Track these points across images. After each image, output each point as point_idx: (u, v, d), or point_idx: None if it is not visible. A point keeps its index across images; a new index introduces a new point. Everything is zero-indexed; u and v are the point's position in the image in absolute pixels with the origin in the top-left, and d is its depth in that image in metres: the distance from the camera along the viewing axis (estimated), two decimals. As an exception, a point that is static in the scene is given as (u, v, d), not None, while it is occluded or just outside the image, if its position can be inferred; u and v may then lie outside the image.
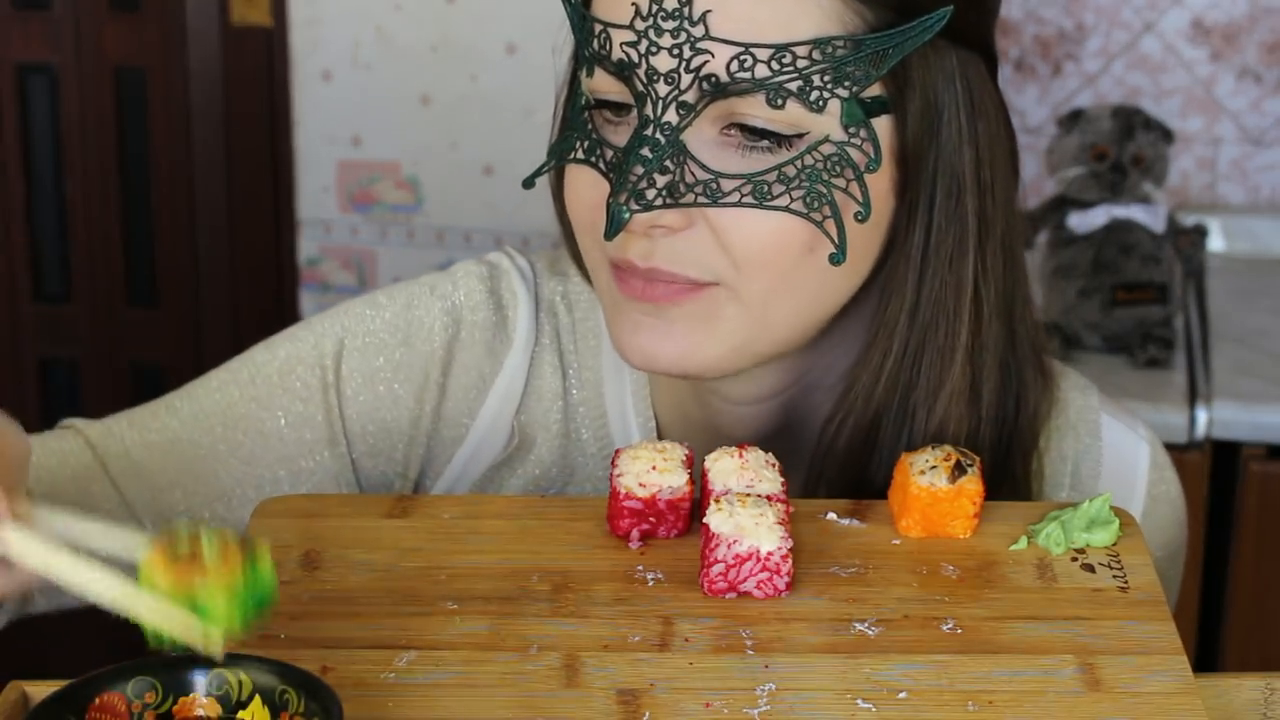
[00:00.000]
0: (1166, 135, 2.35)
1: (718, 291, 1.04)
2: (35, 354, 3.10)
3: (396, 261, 2.94)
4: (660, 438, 1.17)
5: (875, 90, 1.02)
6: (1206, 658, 2.27)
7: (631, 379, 1.17)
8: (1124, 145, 2.31)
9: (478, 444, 1.17)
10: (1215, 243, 2.61)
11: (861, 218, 1.02)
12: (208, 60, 2.96)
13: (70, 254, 3.07)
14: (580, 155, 1.05)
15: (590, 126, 1.05)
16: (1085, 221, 2.31)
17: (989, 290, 1.08)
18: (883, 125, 1.02)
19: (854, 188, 1.02)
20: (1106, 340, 2.30)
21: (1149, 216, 2.31)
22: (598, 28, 1.03)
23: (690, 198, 1.01)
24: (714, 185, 1.01)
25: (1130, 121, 2.32)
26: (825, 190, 1.01)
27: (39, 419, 3.16)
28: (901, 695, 0.87)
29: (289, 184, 2.94)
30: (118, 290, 3.07)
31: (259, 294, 3.02)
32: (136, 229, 3.06)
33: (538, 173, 1.08)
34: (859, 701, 0.86)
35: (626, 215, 1.00)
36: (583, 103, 1.06)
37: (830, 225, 1.01)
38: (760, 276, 1.03)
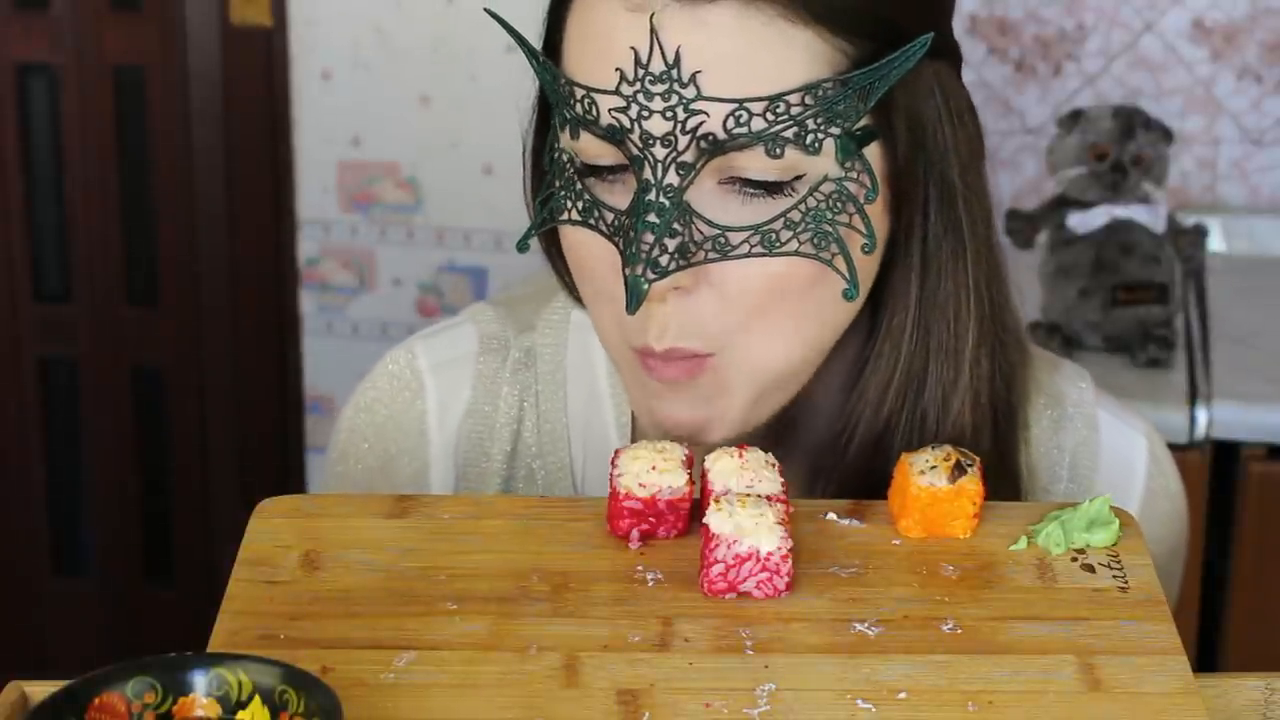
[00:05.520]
0: (1166, 135, 2.35)
1: (719, 361, 1.04)
2: (35, 354, 3.09)
3: (396, 262, 2.94)
4: None
5: (864, 121, 1.01)
6: (1206, 658, 2.27)
7: (614, 409, 1.18)
8: (1124, 145, 2.30)
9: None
10: (1215, 243, 2.61)
11: (868, 250, 1.02)
12: (207, 60, 2.95)
13: (70, 254, 3.07)
14: (576, 216, 1.03)
15: (580, 187, 1.03)
16: (1085, 221, 2.30)
17: (983, 285, 1.09)
18: (873, 152, 1.02)
19: (857, 221, 1.01)
20: (1107, 340, 2.30)
21: (1149, 216, 2.31)
22: (579, 92, 1.01)
23: (700, 255, 1.00)
24: (722, 240, 1.00)
25: (1130, 121, 2.32)
26: (831, 229, 1.00)
27: (39, 419, 3.17)
28: (901, 695, 0.87)
29: (289, 184, 2.94)
30: (117, 290, 3.07)
31: (259, 294, 3.02)
32: (136, 229, 3.06)
33: (529, 234, 1.07)
34: (859, 701, 0.86)
35: (645, 286, 0.99)
36: (567, 164, 1.04)
37: (840, 262, 1.01)
38: (767, 322, 1.02)
